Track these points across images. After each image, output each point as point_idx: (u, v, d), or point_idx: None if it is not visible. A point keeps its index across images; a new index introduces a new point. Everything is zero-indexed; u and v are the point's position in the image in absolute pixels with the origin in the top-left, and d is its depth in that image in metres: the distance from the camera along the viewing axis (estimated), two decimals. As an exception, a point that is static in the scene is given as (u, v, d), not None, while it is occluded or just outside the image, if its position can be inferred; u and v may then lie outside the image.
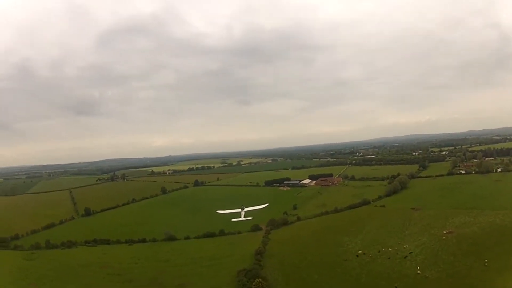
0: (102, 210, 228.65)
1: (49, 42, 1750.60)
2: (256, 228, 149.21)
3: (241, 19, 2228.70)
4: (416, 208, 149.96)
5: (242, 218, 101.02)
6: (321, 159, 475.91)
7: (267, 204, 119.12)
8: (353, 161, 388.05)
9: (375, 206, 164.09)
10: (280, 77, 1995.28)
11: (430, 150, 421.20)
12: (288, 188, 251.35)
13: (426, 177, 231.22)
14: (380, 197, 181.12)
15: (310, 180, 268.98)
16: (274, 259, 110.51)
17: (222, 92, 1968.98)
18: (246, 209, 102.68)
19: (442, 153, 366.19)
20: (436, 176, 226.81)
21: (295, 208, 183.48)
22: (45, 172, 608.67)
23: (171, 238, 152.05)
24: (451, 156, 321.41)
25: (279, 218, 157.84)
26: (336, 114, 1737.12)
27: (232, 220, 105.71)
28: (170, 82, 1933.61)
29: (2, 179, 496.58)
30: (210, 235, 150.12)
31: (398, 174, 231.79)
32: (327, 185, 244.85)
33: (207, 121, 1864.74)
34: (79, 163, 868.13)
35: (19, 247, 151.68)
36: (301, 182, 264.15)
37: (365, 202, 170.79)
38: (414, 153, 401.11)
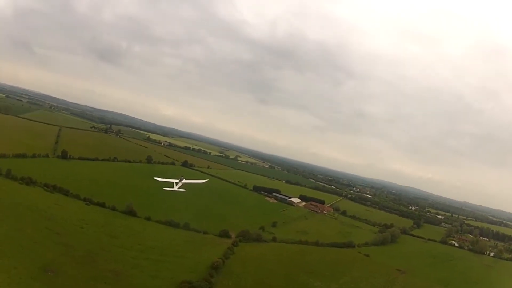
0: (80, 158, 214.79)
1: None
2: (224, 234, 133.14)
3: (289, 20, 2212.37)
4: (402, 271, 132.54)
5: (175, 188, 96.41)
6: (317, 182, 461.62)
7: (207, 180, 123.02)
8: (349, 195, 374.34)
9: (359, 252, 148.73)
10: (305, 89, 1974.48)
11: (427, 209, 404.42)
12: (275, 201, 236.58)
13: (418, 237, 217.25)
14: (366, 244, 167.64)
15: (299, 200, 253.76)
16: (230, 279, 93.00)
17: (245, 84, 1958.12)
18: (185, 181, 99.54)
19: (438, 216, 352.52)
20: (428, 239, 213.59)
21: (274, 225, 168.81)
22: (48, 103, 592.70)
23: (131, 213, 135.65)
24: (447, 223, 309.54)
25: (254, 232, 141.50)
26: (346, 143, 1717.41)
27: (164, 189, 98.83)
28: (199, 58, 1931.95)
29: (4, 95, 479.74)
30: (173, 224, 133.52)
31: (392, 225, 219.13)
32: (316, 211, 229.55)
33: (220, 107, 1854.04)
34: (86, 106, 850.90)
35: None
36: (290, 199, 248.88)
37: (350, 245, 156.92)
38: (410, 207, 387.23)
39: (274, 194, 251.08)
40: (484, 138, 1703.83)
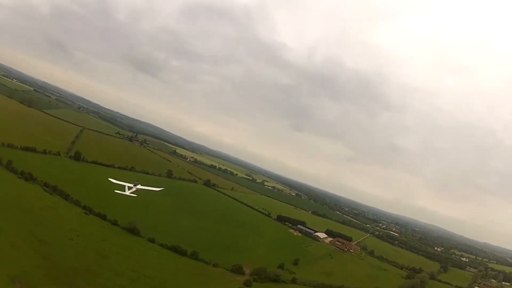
0: (93, 162, 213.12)
1: None
2: (237, 270, 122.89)
3: (328, 45, 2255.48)
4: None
5: (127, 192, 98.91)
6: (343, 215, 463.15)
7: (162, 188, 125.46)
8: (376, 232, 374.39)
9: None
10: (340, 118, 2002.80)
11: (452, 251, 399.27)
12: (299, 234, 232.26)
13: (446, 283, 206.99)
14: None
15: (325, 235, 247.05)
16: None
17: (281, 109, 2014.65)
18: (139, 186, 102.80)
19: (463, 259, 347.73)
20: (456, 286, 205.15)
21: (296, 263, 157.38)
22: (78, 103, 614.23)
23: (133, 231, 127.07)
24: (472, 266, 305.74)
25: (271, 271, 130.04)
26: (375, 175, 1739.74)
27: (115, 191, 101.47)
28: (237, 77, 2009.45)
29: (32, 89, 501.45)
30: (179, 250, 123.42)
31: (420, 269, 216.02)
32: (343, 249, 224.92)
33: (255, 129, 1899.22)
34: (117, 112, 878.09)
35: None
36: (316, 233, 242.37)
37: None
38: (436, 248, 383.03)
39: (299, 226, 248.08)
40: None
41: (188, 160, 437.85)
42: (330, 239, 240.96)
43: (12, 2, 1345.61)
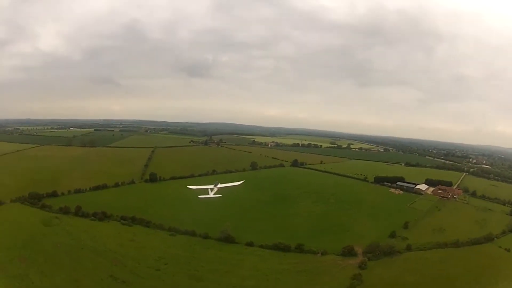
0: (172, 178, 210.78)
1: (159, 6, 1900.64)
2: (348, 252, 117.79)
3: None
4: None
5: (211, 195, 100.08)
6: (435, 158, 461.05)
7: (243, 181, 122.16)
8: (470, 169, 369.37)
9: (500, 247, 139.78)
10: (400, 63, 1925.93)
11: None
12: (401, 192, 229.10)
13: None
14: (504, 232, 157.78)
15: (427, 187, 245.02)
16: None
17: (342, 71, 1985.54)
18: (220, 185, 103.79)
19: None
20: None
21: (406, 227, 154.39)
22: (144, 127, 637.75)
23: (227, 239, 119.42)
24: None
25: (384, 244, 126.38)
26: (449, 111, 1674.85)
27: (199, 197, 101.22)
28: (290, 54, 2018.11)
29: (93, 129, 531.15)
30: (281, 247, 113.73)
31: None
32: (446, 197, 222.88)
33: (322, 98, 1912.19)
34: (186, 122, 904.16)
35: (47, 207, 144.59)
36: (417, 186, 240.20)
37: (490, 238, 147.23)
38: None
39: (398, 183, 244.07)
40: None
41: (269, 146, 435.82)
42: (431, 189, 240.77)
43: (41, 61, 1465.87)
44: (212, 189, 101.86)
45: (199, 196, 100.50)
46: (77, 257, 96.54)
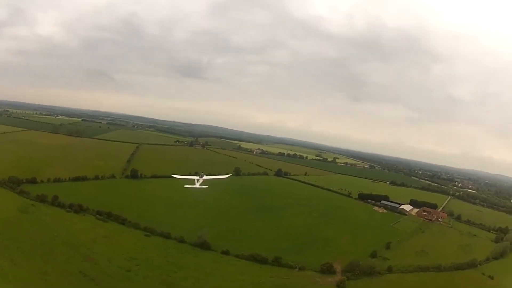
0: (153, 176, 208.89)
1: (158, 3, 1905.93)
2: (327, 270, 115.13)
3: (365, 9, 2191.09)
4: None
5: (197, 186, 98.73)
6: (420, 179, 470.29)
7: (229, 175, 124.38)
8: (456, 193, 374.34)
9: (483, 274, 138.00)
10: (394, 80, 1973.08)
11: None
12: (385, 211, 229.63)
13: None
14: (488, 259, 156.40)
15: (411, 207, 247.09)
16: None
17: (335, 83, 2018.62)
18: (205, 177, 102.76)
19: None
20: None
21: (388, 247, 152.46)
22: (131, 122, 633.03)
23: (203, 246, 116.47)
24: None
25: (364, 263, 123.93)
26: (438, 132, 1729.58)
27: (185, 186, 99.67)
28: (285, 61, 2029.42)
29: (80, 119, 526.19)
30: (258, 259, 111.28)
31: (506, 228, 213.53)
32: (431, 219, 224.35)
33: (314, 108, 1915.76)
34: (174, 122, 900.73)
35: (25, 193, 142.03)
36: (401, 206, 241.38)
37: (473, 264, 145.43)
38: None
39: (383, 202, 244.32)
40: None
41: (254, 152, 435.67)
42: (416, 210, 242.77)
43: (38, 47, 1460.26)
44: (198, 180, 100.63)
45: (185, 186, 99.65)
46: (49, 249, 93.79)
